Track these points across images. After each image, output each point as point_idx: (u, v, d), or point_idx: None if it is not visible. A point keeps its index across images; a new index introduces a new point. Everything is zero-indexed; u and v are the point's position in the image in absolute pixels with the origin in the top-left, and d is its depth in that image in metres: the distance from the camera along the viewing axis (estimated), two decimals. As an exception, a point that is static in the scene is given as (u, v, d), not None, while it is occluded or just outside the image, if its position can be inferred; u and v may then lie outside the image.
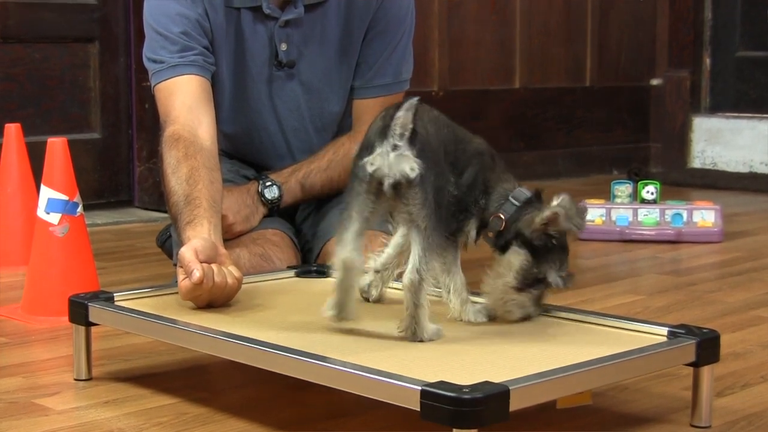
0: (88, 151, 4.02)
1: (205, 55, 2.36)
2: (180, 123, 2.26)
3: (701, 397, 1.68)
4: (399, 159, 1.62)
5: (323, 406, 1.78)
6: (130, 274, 2.89)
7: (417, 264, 1.62)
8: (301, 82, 2.47)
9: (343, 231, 1.67)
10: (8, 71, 3.83)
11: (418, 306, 1.64)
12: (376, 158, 1.63)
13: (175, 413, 1.75)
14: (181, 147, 2.20)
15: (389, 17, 2.47)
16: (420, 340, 1.66)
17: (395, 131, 1.62)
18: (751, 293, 2.70)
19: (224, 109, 2.46)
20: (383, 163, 1.63)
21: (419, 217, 1.63)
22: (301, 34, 2.43)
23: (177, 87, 2.31)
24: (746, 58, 5.29)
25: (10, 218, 3.05)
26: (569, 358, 1.56)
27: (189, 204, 2.08)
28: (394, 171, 1.62)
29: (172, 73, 2.31)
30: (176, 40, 2.33)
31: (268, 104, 2.48)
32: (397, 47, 2.50)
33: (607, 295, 2.67)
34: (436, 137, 1.72)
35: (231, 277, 1.88)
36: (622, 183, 3.59)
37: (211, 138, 2.26)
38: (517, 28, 5.00)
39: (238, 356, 1.67)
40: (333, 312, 1.70)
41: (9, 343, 2.22)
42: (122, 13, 4.04)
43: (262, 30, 2.42)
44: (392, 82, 2.51)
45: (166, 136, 2.25)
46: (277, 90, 2.47)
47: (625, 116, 5.50)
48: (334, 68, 2.48)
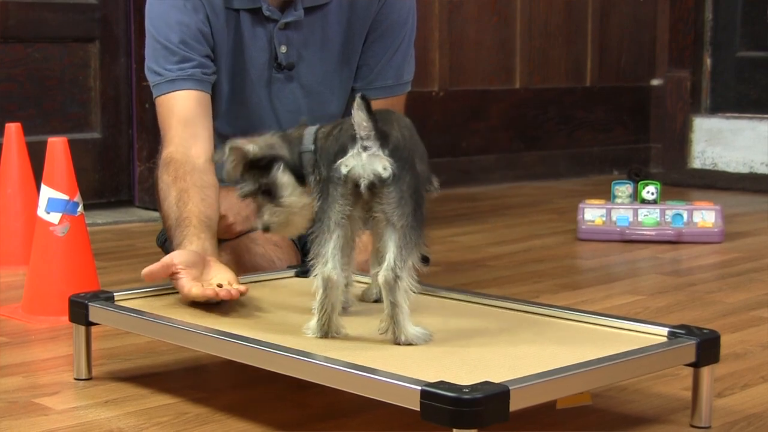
0: (89, 150, 4.02)
1: (205, 67, 2.35)
2: (174, 144, 2.28)
3: (701, 397, 1.68)
4: (372, 159, 1.63)
5: (323, 406, 1.78)
6: (130, 274, 2.89)
7: (392, 262, 1.61)
8: (301, 85, 2.47)
9: (322, 244, 1.66)
10: (9, 71, 3.83)
11: (395, 305, 1.62)
12: (350, 159, 1.64)
13: (175, 413, 1.75)
14: (171, 171, 2.23)
15: (391, 20, 2.47)
16: (398, 343, 1.64)
17: (360, 133, 1.63)
18: (751, 294, 2.70)
19: (223, 111, 2.46)
20: (357, 164, 1.63)
21: (394, 215, 1.62)
22: (301, 36, 2.43)
23: (174, 102, 2.33)
24: (747, 59, 5.29)
25: (10, 218, 3.05)
26: (569, 358, 1.56)
27: (179, 226, 2.12)
28: (368, 171, 1.63)
29: (170, 87, 2.32)
30: (175, 51, 2.33)
31: (268, 106, 2.48)
32: (398, 49, 2.50)
33: (608, 295, 2.67)
34: (411, 141, 1.71)
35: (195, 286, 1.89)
36: (622, 183, 3.59)
37: (205, 155, 2.27)
38: (517, 29, 5.00)
39: (238, 356, 1.67)
40: (317, 335, 1.69)
41: (9, 342, 2.22)
42: (123, 13, 4.04)
43: (262, 32, 2.42)
44: (393, 84, 2.51)
45: (161, 161, 2.28)
46: (277, 92, 2.47)
47: (625, 117, 5.50)
48: (335, 71, 2.48)
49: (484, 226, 3.76)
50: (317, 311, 1.68)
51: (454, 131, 4.71)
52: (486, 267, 3.02)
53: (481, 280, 2.83)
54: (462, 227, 3.71)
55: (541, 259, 3.17)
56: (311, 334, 1.70)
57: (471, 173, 4.77)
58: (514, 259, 3.16)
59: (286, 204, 1.80)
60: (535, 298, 2.51)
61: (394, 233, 1.63)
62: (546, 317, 1.85)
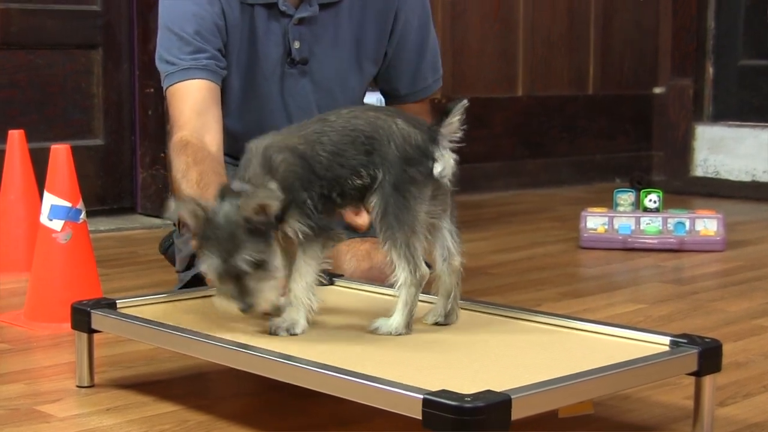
0: (91, 157, 4.02)
1: (218, 59, 2.37)
2: (188, 129, 2.28)
3: (703, 406, 1.68)
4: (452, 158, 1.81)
5: (325, 415, 1.78)
6: (133, 281, 2.89)
7: (457, 249, 1.83)
8: (313, 81, 2.47)
9: (416, 247, 1.73)
10: (11, 78, 3.84)
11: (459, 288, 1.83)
12: (441, 161, 1.81)
13: (177, 420, 1.75)
14: (190, 152, 2.22)
15: (410, 24, 2.53)
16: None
17: (454, 136, 1.86)
18: (753, 302, 2.69)
19: (233, 106, 2.46)
20: (447, 164, 1.82)
21: (449, 208, 1.84)
22: (315, 32, 2.44)
23: (187, 91, 2.33)
24: (749, 67, 5.29)
25: (13, 225, 3.05)
26: (571, 366, 1.56)
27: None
28: (451, 169, 1.83)
29: (183, 76, 2.33)
30: (190, 41, 2.34)
31: (279, 102, 2.47)
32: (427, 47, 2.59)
33: (609, 303, 2.67)
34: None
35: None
36: (624, 191, 3.59)
37: (217, 145, 2.29)
38: (520, 37, 5.00)
39: (241, 364, 1.67)
40: (402, 332, 1.76)
41: (11, 349, 2.22)
42: (125, 20, 4.05)
43: (276, 27, 2.42)
44: (432, 81, 2.62)
45: (175, 142, 2.28)
46: (289, 88, 2.47)
47: (627, 125, 5.50)
48: (346, 69, 2.49)
49: (487, 233, 3.76)
50: (407, 308, 1.75)
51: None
52: (489, 275, 3.02)
53: (483, 288, 2.83)
54: (464, 234, 3.68)
55: (544, 267, 3.17)
56: (395, 331, 1.74)
57: (474, 181, 4.77)
58: (517, 266, 3.16)
59: (279, 276, 1.72)
60: (538, 306, 2.51)
61: (451, 225, 1.83)
62: (548, 326, 1.85)
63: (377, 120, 1.76)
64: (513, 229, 3.89)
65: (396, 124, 1.76)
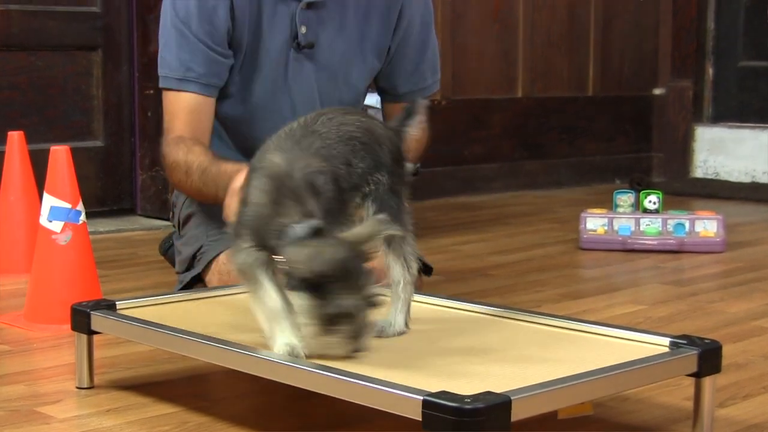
0: (91, 159, 4.02)
1: (217, 64, 2.37)
2: (183, 132, 2.37)
3: (703, 407, 1.68)
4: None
5: (325, 416, 1.78)
6: (133, 283, 2.89)
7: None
8: (317, 67, 2.47)
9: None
10: (11, 79, 3.84)
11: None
12: None
13: (177, 422, 1.75)
14: (189, 143, 2.32)
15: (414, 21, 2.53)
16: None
17: None
18: (753, 303, 2.69)
19: (234, 89, 2.46)
20: None
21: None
22: (322, 18, 2.44)
23: (181, 104, 2.38)
24: (749, 68, 5.30)
25: (12, 226, 3.05)
26: (571, 368, 1.56)
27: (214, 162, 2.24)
28: None
29: (179, 86, 2.36)
30: (193, 42, 2.34)
31: (283, 86, 2.47)
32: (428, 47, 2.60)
33: (609, 304, 2.67)
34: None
35: None
36: (624, 192, 3.59)
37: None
38: (519, 38, 5.01)
39: (240, 365, 1.67)
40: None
41: (11, 351, 2.22)
42: (125, 22, 4.04)
43: (284, 11, 2.42)
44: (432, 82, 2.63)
45: (170, 139, 2.36)
46: (294, 73, 2.46)
47: (627, 126, 5.51)
48: (350, 58, 2.49)
49: (486, 235, 3.76)
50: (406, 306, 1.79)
51: (456, 140, 4.71)
52: (488, 276, 3.02)
53: (482, 290, 2.83)
54: (464, 236, 3.71)
55: (543, 268, 3.17)
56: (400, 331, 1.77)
57: (473, 182, 4.77)
58: (516, 268, 3.16)
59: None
60: (537, 308, 2.51)
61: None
62: (548, 327, 1.85)
63: (363, 125, 1.74)
64: (512, 230, 3.89)
65: (378, 128, 1.76)
